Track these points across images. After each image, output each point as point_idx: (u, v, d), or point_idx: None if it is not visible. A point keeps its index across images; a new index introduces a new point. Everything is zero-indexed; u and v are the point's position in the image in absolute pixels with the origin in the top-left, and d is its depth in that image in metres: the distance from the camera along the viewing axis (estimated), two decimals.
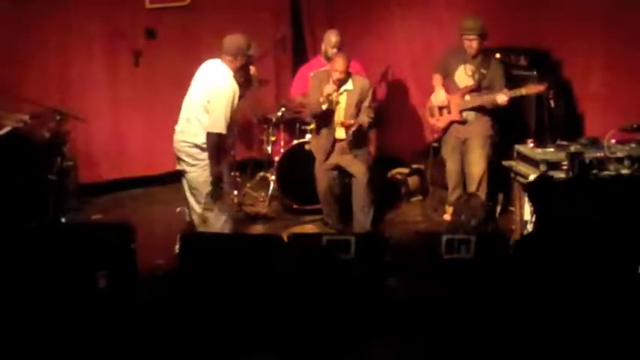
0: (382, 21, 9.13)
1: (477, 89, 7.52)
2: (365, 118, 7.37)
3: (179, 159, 6.63)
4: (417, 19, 8.94)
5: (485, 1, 8.40)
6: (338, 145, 7.50)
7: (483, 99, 7.47)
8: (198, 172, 6.55)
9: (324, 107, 7.29)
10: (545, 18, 8.00)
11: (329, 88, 7.28)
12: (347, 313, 4.24)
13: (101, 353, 4.18)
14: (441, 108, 7.65)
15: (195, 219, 6.69)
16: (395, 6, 9.10)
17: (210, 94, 6.44)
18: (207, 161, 6.50)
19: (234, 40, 6.53)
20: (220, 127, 6.40)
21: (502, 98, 7.31)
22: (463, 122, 7.57)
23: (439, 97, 7.63)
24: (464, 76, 7.57)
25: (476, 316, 4.40)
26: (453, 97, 7.59)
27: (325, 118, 7.45)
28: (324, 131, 7.52)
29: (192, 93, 6.60)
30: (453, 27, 8.41)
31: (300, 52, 9.50)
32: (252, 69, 6.76)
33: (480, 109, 7.52)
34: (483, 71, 7.49)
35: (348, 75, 7.35)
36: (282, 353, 3.99)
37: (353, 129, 7.29)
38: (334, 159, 7.53)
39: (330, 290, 4.33)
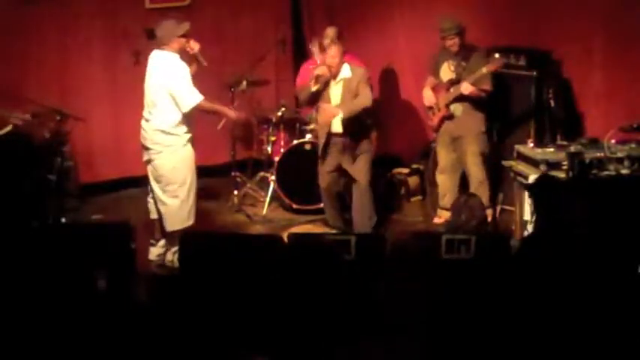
0: (382, 20, 9.13)
1: (457, 81, 7.56)
2: (362, 99, 7.20)
3: (146, 149, 6.75)
4: (417, 19, 8.94)
5: (486, 1, 8.40)
6: (335, 141, 7.34)
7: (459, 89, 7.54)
8: (166, 157, 6.67)
9: (313, 89, 7.22)
10: (545, 18, 8.00)
11: (320, 69, 7.25)
12: (347, 313, 4.24)
13: (101, 353, 4.18)
14: (431, 107, 7.77)
15: (162, 209, 6.72)
16: (395, 6, 9.10)
17: (170, 79, 6.59)
18: (174, 147, 6.64)
19: (163, 28, 6.69)
20: (195, 99, 6.60)
21: (465, 87, 7.42)
22: (451, 117, 7.63)
23: (426, 97, 7.78)
24: (447, 72, 7.68)
25: (476, 316, 4.39)
26: (440, 94, 7.70)
27: (317, 108, 7.39)
28: (319, 125, 7.49)
29: (151, 84, 6.72)
30: None
31: (300, 52, 9.50)
32: (194, 45, 6.75)
33: (467, 104, 7.55)
34: (463, 64, 7.56)
35: (340, 63, 7.24)
36: (281, 353, 3.99)
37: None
38: (334, 159, 7.40)
39: (330, 290, 4.32)
